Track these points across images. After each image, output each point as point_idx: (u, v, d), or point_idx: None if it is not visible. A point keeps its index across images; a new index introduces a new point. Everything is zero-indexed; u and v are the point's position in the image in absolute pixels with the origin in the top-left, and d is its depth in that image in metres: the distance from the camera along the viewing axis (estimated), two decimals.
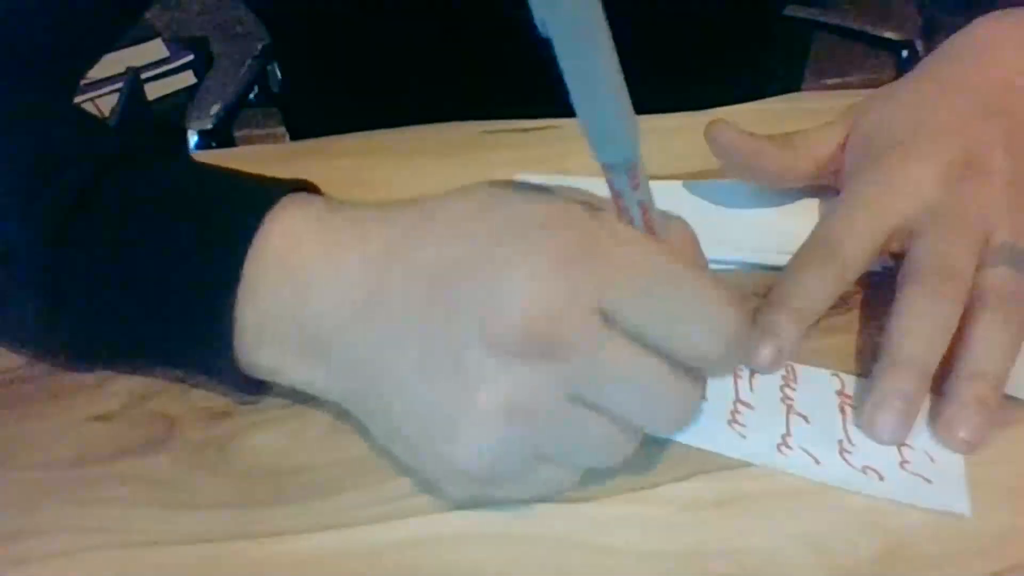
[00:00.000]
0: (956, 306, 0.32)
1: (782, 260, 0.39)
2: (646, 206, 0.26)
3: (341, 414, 0.33)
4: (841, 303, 0.36)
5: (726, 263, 0.39)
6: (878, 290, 0.36)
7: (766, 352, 0.33)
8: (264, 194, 0.31)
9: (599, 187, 0.27)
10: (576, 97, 0.22)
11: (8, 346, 0.36)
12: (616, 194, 0.26)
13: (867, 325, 0.36)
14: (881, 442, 0.31)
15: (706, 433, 0.31)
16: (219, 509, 0.30)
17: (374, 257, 0.28)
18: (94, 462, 0.32)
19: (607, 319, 0.25)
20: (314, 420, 0.33)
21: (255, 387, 0.32)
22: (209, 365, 0.32)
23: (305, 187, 0.32)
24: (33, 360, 0.36)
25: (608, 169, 0.25)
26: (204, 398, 0.34)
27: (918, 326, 0.32)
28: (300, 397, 0.33)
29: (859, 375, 0.34)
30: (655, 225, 0.27)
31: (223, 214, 0.31)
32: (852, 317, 0.36)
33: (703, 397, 0.27)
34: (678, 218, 0.29)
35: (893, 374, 0.31)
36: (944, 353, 0.32)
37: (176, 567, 0.28)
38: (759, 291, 0.38)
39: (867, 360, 0.33)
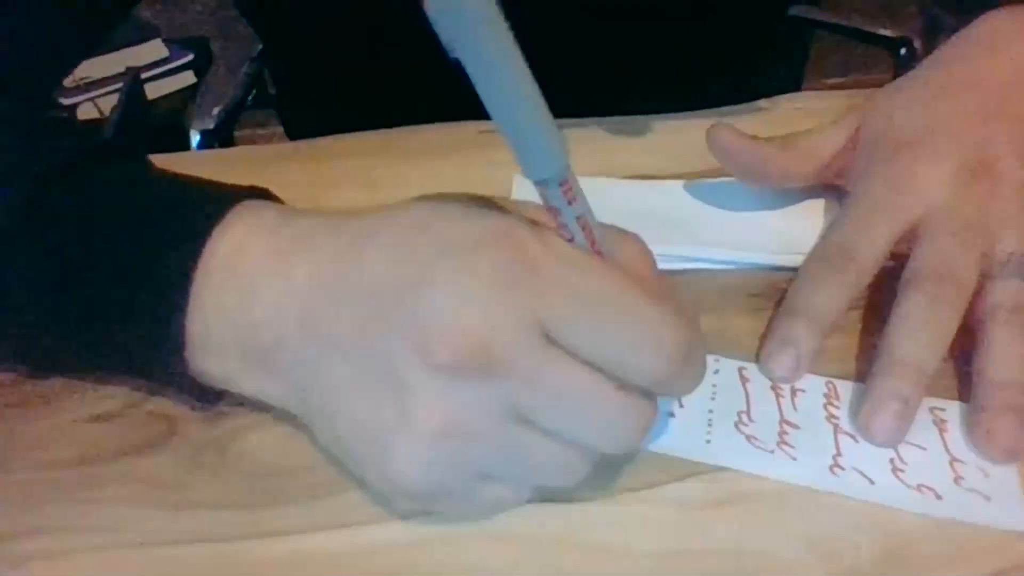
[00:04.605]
0: (956, 310, 0.32)
1: (783, 260, 0.39)
2: (586, 221, 0.26)
3: None
4: None
5: (726, 263, 0.39)
6: (879, 291, 0.36)
7: (785, 361, 0.33)
8: (215, 202, 0.30)
9: (595, 186, 0.26)
10: (495, 117, 0.22)
11: None
12: (553, 211, 0.25)
13: (868, 326, 0.36)
14: (877, 444, 0.31)
15: (757, 459, 0.31)
16: (219, 509, 0.30)
17: (318, 269, 0.28)
18: (94, 462, 0.32)
19: (548, 338, 0.25)
20: None
21: (212, 396, 0.32)
22: (161, 373, 0.31)
23: (262, 193, 0.32)
24: None
25: (540, 186, 0.24)
26: None
27: (916, 329, 0.32)
28: None
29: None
30: (598, 240, 0.26)
31: (172, 223, 0.30)
32: (853, 318, 0.36)
33: (654, 414, 0.27)
34: (632, 234, 0.28)
35: (890, 376, 0.31)
36: (944, 357, 0.32)
37: (176, 567, 0.28)
38: (759, 291, 0.38)
39: (868, 362, 0.33)
